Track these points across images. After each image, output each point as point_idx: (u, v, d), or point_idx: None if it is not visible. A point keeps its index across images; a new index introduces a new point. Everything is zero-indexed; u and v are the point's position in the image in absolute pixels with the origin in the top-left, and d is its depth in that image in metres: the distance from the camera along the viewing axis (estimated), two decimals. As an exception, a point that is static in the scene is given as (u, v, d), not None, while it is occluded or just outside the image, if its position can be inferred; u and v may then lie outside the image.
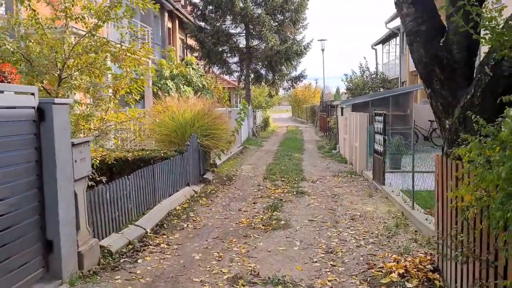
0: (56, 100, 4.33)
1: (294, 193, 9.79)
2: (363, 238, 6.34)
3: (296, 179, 11.61)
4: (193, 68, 21.29)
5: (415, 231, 6.53)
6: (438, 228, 4.65)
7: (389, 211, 7.84)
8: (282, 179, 11.62)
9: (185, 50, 28.88)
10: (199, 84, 20.97)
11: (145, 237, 6.38)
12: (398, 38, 34.14)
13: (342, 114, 16.96)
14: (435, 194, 4.82)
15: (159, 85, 19.46)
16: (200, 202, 8.94)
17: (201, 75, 22.51)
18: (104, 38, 7.86)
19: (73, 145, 4.56)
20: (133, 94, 8.90)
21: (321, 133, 30.46)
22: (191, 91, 19.88)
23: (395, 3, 4.75)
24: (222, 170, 12.98)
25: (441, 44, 4.35)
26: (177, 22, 29.06)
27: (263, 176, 12.19)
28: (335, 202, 8.83)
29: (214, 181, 11.13)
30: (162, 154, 9.61)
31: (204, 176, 11.08)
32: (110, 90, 8.63)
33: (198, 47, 25.38)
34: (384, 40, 37.20)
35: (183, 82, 20.21)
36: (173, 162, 8.87)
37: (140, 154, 9.64)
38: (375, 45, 38.69)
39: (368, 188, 10.14)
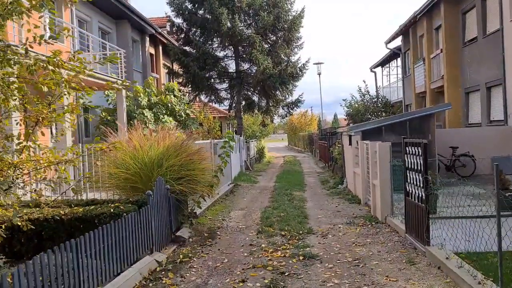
0: None
1: (300, 258, 6.94)
2: None
3: (301, 231, 8.77)
4: (174, 95, 18.68)
5: None
6: None
7: (455, 299, 5.00)
8: (282, 232, 8.77)
9: (171, 77, 26.30)
10: (183, 113, 18.32)
11: None
12: (399, 59, 32.01)
13: (350, 143, 14.27)
14: None
15: (135, 115, 16.83)
16: (163, 282, 6.06)
17: (185, 103, 19.90)
18: (1, 41, 5.18)
19: None
20: (68, 125, 6.31)
21: (322, 164, 27.75)
22: (172, 121, 17.22)
23: None
24: (205, 220, 10.13)
25: None
26: (160, 47, 26.73)
27: (257, 228, 9.35)
28: (363, 276, 5.98)
29: (191, 239, 8.28)
30: (112, 210, 6.79)
31: (178, 234, 8.23)
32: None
33: (182, 72, 22.85)
34: (384, 62, 35.00)
35: (164, 111, 17.56)
36: (120, 225, 6.03)
37: (80, 210, 6.82)
38: (374, 67, 36.51)
39: (403, 246, 7.31)
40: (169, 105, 17.73)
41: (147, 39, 24.27)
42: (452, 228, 6.53)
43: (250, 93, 24.20)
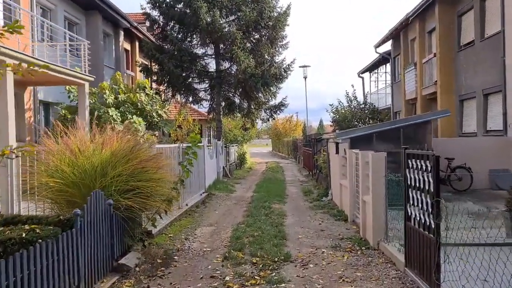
0: None
1: (272, 299, 5.39)
2: None
3: (276, 258, 7.20)
4: (147, 94, 17.01)
5: None
6: None
7: None
8: (254, 259, 7.19)
9: (148, 75, 24.29)
10: (154, 113, 16.64)
11: None
12: (388, 64, 30.82)
13: (337, 152, 12.80)
14: None
15: (100, 113, 15.09)
16: (82, 338, 4.44)
17: (159, 103, 18.19)
18: None
19: None
20: None
21: (306, 172, 26.32)
22: (141, 122, 15.52)
23: None
24: (164, 239, 8.49)
25: None
26: (137, 44, 24.94)
27: (224, 251, 7.75)
28: (353, 333, 4.44)
29: (137, 268, 6.62)
30: (24, 235, 5.13)
31: (121, 261, 6.57)
32: None
33: (157, 70, 21.15)
34: (372, 67, 33.80)
35: (132, 111, 15.87)
36: (28, 257, 4.39)
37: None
38: (362, 72, 35.29)
39: (403, 285, 5.79)
40: (139, 104, 16.05)
41: (122, 33, 22.51)
42: (460, 259, 5.11)
43: (230, 95, 22.60)
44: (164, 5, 20.48)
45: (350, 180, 10.51)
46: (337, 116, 29.70)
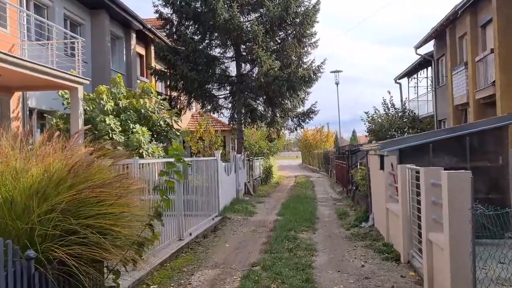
0: None
1: None
2: None
3: (301, 338, 4.57)
4: (156, 99, 14.73)
5: None
6: None
7: None
8: None
9: (164, 81, 21.88)
10: (162, 122, 14.29)
11: None
12: (429, 68, 27.74)
13: (381, 167, 10.05)
14: None
15: (96, 122, 12.89)
16: None
17: (172, 111, 15.83)
18: None
19: None
20: None
21: (339, 187, 23.49)
22: (146, 132, 13.21)
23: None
24: (141, 295, 6.00)
25: None
26: (152, 48, 22.89)
27: (223, 320, 5.18)
28: None
29: None
30: None
31: None
32: None
33: (169, 74, 18.90)
34: (411, 72, 30.68)
35: (135, 119, 13.60)
36: None
37: None
38: (400, 78, 32.21)
39: None
40: (143, 111, 13.76)
41: (134, 36, 20.46)
42: None
43: (252, 101, 20.10)
44: (178, 2, 18.27)
45: (404, 205, 7.79)
46: (373, 126, 26.92)
